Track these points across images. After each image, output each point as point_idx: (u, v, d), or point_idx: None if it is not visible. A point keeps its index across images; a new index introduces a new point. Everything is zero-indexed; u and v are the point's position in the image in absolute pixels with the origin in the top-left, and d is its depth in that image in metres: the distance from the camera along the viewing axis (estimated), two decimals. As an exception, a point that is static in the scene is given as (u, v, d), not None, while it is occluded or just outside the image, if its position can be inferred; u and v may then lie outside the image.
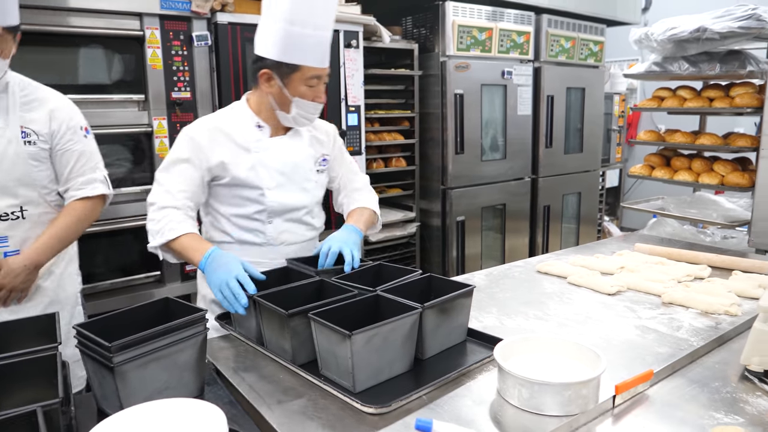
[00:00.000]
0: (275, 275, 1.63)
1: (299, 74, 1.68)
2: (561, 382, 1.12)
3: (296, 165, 1.83)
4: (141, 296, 2.87)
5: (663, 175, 3.07)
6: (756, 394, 1.24)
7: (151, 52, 2.72)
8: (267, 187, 1.77)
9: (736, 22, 2.69)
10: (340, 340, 1.21)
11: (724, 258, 2.08)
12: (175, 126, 2.86)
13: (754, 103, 2.75)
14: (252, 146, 1.76)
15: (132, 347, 1.13)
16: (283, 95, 1.71)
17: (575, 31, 4.27)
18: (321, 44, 1.68)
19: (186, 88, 2.87)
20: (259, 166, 1.76)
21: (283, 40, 1.63)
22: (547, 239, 4.35)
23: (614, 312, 1.67)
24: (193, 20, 2.82)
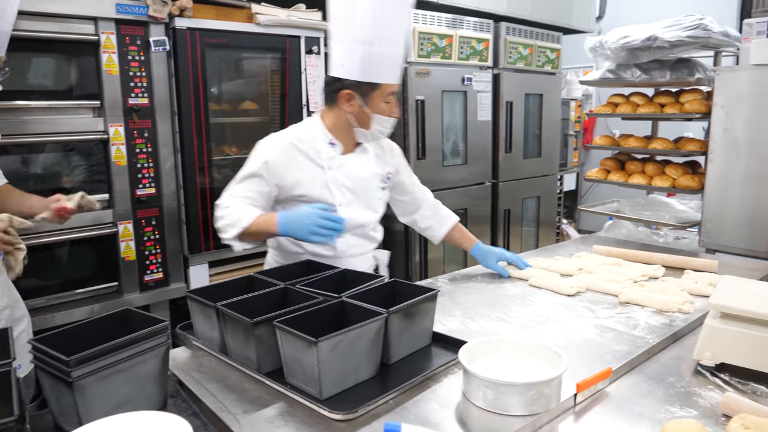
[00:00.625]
0: (238, 285, 1.62)
1: (379, 92, 1.77)
2: (524, 382, 1.15)
3: (364, 183, 1.93)
4: (99, 308, 2.79)
5: (618, 178, 3.17)
6: (708, 387, 1.30)
7: (107, 58, 2.66)
8: (339, 204, 1.87)
9: (685, 32, 2.81)
10: (306, 348, 1.21)
11: (676, 258, 2.16)
12: (132, 133, 2.81)
13: (702, 109, 2.87)
14: (326, 164, 1.86)
15: (91, 360, 1.10)
16: (363, 113, 1.80)
17: (533, 39, 4.37)
18: (397, 61, 1.77)
19: (143, 94, 2.82)
20: (332, 183, 1.87)
21: (364, 61, 1.72)
22: (508, 243, 4.42)
23: (574, 312, 1.72)
24: (151, 25, 2.78)
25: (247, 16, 3.06)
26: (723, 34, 2.89)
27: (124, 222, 2.85)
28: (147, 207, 2.92)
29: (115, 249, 2.86)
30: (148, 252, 2.97)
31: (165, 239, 3.02)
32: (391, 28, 1.72)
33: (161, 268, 3.03)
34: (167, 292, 3.06)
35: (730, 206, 2.77)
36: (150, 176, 2.91)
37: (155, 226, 2.97)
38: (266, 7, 3.11)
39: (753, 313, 1.33)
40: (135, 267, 2.93)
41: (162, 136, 2.92)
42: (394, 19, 1.72)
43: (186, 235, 3.10)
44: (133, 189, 2.86)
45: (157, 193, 2.95)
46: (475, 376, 1.18)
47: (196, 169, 3.03)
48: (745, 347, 1.33)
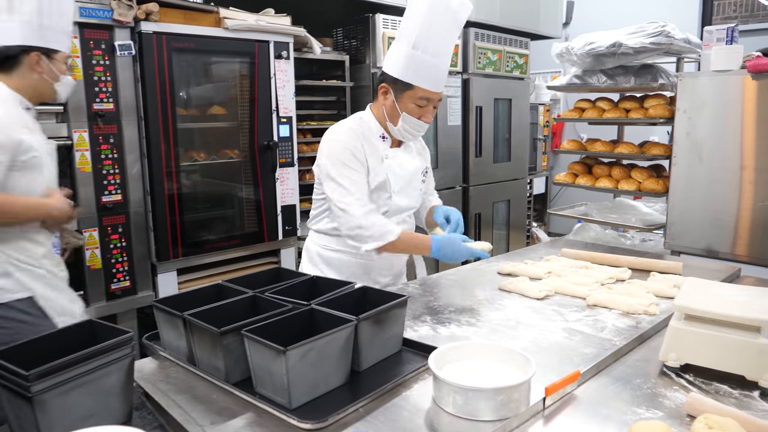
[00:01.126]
0: (207, 293, 1.59)
1: (411, 92, 1.89)
2: (493, 387, 1.15)
3: (412, 174, 2.08)
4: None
5: (585, 182, 3.22)
6: (673, 388, 1.32)
7: (70, 61, 2.59)
8: (393, 191, 2.02)
9: (648, 38, 2.87)
10: (275, 357, 1.20)
11: (642, 260, 2.20)
12: (97, 138, 2.75)
13: (665, 113, 2.93)
14: (382, 154, 2.00)
15: (52, 374, 1.06)
16: (394, 108, 1.93)
17: (501, 44, 4.42)
18: (436, 70, 1.87)
19: (108, 99, 2.77)
20: (389, 172, 2.00)
21: (404, 60, 1.86)
22: (479, 246, 4.45)
23: (543, 316, 1.73)
24: (116, 29, 2.73)
25: (215, 21, 3.03)
26: (685, 40, 2.97)
27: (89, 229, 2.79)
28: (113, 214, 2.87)
29: (81, 257, 2.79)
30: (114, 260, 2.91)
31: (132, 247, 2.97)
32: (439, 39, 1.84)
33: (128, 277, 2.97)
34: (135, 300, 3.00)
35: (693, 209, 2.84)
36: (116, 182, 2.85)
37: (122, 234, 2.91)
38: (234, 11, 3.08)
39: (716, 315, 1.36)
40: (101, 275, 2.87)
41: (128, 141, 2.87)
42: (443, 32, 1.85)
43: (154, 243, 3.05)
44: (99, 196, 2.80)
45: (123, 200, 2.90)
46: (444, 382, 1.18)
47: (164, 175, 2.98)
48: (708, 348, 1.36)
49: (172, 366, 1.46)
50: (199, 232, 3.22)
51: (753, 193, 2.66)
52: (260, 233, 3.41)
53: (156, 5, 2.77)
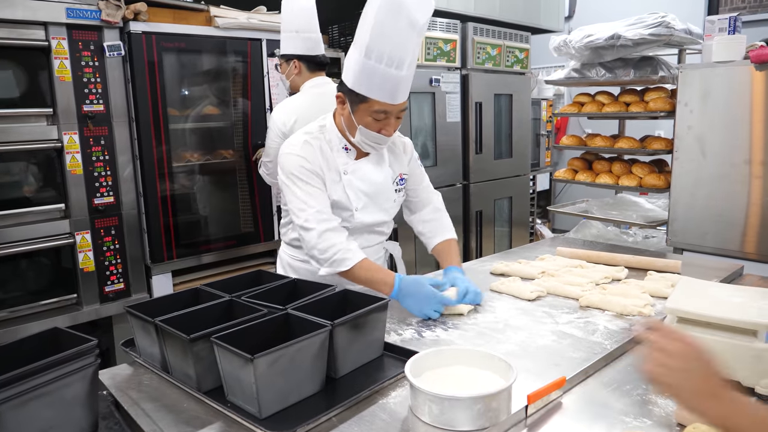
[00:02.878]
0: (183, 298, 1.55)
1: (366, 105, 1.71)
2: (470, 396, 1.09)
3: (379, 187, 1.92)
4: (57, 321, 2.69)
5: (585, 178, 3.14)
6: (665, 395, 1.25)
7: (59, 63, 2.57)
8: (356, 209, 1.88)
9: (647, 30, 2.79)
10: (243, 364, 1.15)
11: (639, 259, 2.13)
12: (88, 141, 2.71)
13: (666, 107, 2.85)
14: (342, 168, 1.86)
15: (7, 386, 1.02)
16: (351, 120, 1.77)
17: (501, 39, 4.35)
18: (392, 81, 1.67)
19: (98, 101, 2.73)
20: (349, 188, 1.86)
21: (357, 70, 1.68)
22: (480, 244, 4.39)
23: (533, 318, 1.67)
24: (104, 29, 2.69)
25: (206, 20, 2.98)
26: (686, 31, 2.88)
27: (82, 232, 2.75)
28: (105, 216, 2.83)
29: (73, 260, 2.76)
30: (108, 262, 2.87)
31: (125, 249, 2.93)
32: (394, 46, 1.63)
33: (122, 279, 2.93)
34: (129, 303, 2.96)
35: (696, 205, 2.76)
36: (108, 185, 2.82)
37: (114, 236, 2.88)
38: (225, 9, 3.03)
39: (709, 317, 1.29)
40: (94, 278, 2.83)
41: (119, 143, 2.83)
42: (396, 38, 1.63)
43: (147, 244, 3.02)
44: (91, 198, 2.76)
45: (115, 202, 2.86)
46: (420, 391, 1.13)
47: (156, 177, 2.94)
48: (701, 351, 1.29)
49: (146, 373, 1.42)
50: (194, 233, 3.18)
51: (761, 187, 2.57)
52: (256, 234, 3.37)
53: (144, 5, 2.72)
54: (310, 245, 1.79)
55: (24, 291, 2.68)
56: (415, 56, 1.71)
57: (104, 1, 2.63)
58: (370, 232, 1.99)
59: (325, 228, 1.78)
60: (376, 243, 2.04)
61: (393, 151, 1.99)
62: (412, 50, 1.67)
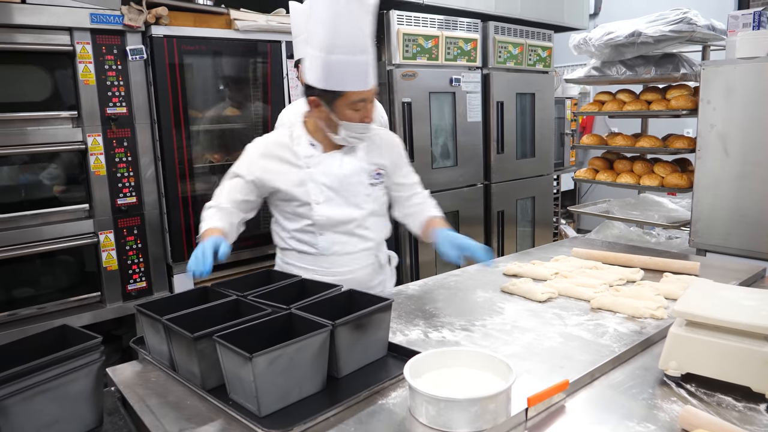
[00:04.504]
0: (192, 297, 1.57)
1: (343, 100, 1.72)
2: (467, 397, 1.08)
3: (345, 179, 1.88)
4: (81, 318, 2.76)
5: (606, 178, 3.08)
6: (671, 399, 1.22)
7: (83, 67, 2.63)
8: (315, 202, 1.86)
9: (668, 26, 2.72)
10: (243, 363, 1.15)
11: (657, 260, 2.08)
12: (111, 142, 2.77)
13: (689, 105, 2.78)
14: (302, 162, 1.86)
15: (14, 380, 1.05)
16: (331, 119, 1.77)
17: (522, 38, 4.29)
18: (360, 68, 1.69)
19: (121, 104, 2.78)
20: (309, 181, 1.85)
21: (324, 69, 1.68)
22: (502, 244, 4.34)
23: (542, 320, 1.64)
24: (127, 34, 2.74)
25: (226, 23, 3.02)
26: (709, 27, 2.80)
27: (105, 231, 2.82)
28: (128, 216, 2.89)
29: (97, 259, 2.82)
30: (130, 261, 2.93)
31: (147, 248, 2.98)
32: (350, 34, 1.64)
33: (144, 277, 2.99)
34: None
35: (719, 205, 2.68)
36: (130, 185, 2.87)
37: (137, 235, 2.93)
38: (245, 12, 3.07)
39: (719, 321, 1.25)
40: (117, 276, 2.89)
41: (142, 144, 2.88)
42: (352, 24, 1.64)
43: (169, 244, 3.07)
44: (114, 198, 2.82)
45: (138, 202, 2.91)
46: (417, 392, 1.12)
47: (177, 177, 2.99)
48: (711, 357, 1.25)
49: (154, 370, 1.44)
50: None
51: (787, 187, 2.48)
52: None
53: (165, 9, 2.77)
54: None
55: (50, 288, 2.75)
56: (373, 37, 1.71)
57: (127, 6, 2.68)
58: (346, 234, 1.91)
59: (212, 204, 1.89)
60: (358, 249, 1.95)
61: (373, 144, 1.94)
62: (370, 31, 1.70)
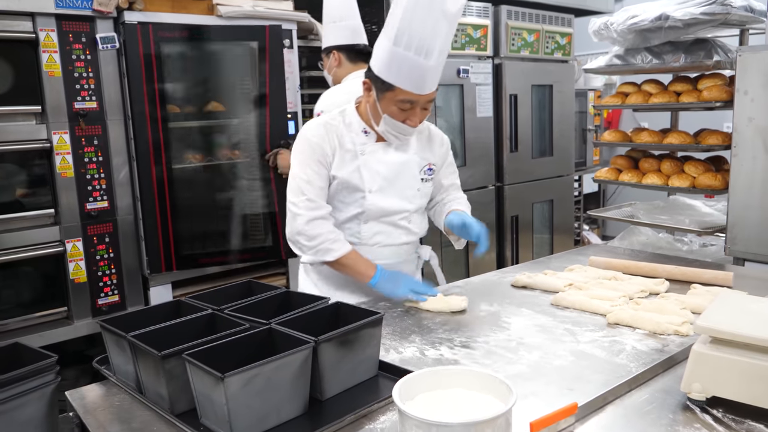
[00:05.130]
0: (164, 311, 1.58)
1: (392, 94, 1.82)
2: (461, 422, 1.08)
3: (400, 170, 2.01)
4: (45, 336, 2.77)
5: (630, 178, 3.08)
6: (694, 426, 1.21)
7: (47, 57, 2.66)
8: (369, 190, 1.96)
9: (699, 8, 2.73)
10: (214, 384, 1.16)
11: (684, 270, 2.07)
12: (80, 141, 2.80)
13: (723, 96, 2.77)
14: (358, 149, 1.96)
15: (-44, 404, 1.06)
16: (376, 108, 1.89)
17: (539, 23, 4.30)
18: (420, 70, 1.77)
19: (91, 97, 2.81)
20: (364, 168, 1.95)
21: (386, 58, 1.78)
22: (516, 252, 4.34)
23: (551, 336, 1.64)
24: (97, 20, 2.77)
25: (207, 8, 3.05)
26: (746, 8, 2.80)
27: (73, 240, 2.84)
28: (99, 222, 2.91)
29: (63, 270, 2.84)
30: (101, 273, 2.95)
31: (121, 258, 3.00)
32: (424, 34, 1.73)
33: (117, 291, 3.01)
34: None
35: (759, 208, 2.66)
36: (101, 188, 2.90)
37: (109, 244, 2.95)
38: (228, -4, 3.09)
39: (748, 338, 1.24)
40: (86, 290, 2.91)
41: (114, 143, 2.91)
42: (429, 25, 1.73)
43: (145, 253, 3.08)
44: (83, 203, 2.84)
45: (110, 207, 2.93)
46: (407, 416, 1.11)
47: (154, 180, 3.00)
48: (739, 378, 1.24)
49: (119, 393, 1.45)
50: (196, 241, 3.22)
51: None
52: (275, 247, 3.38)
53: (140, -8, 2.80)
54: (295, 230, 1.93)
55: (10, 303, 2.77)
56: (446, 46, 1.80)
57: (96, -10, 2.71)
58: (391, 225, 2.04)
59: (314, 216, 1.91)
60: (401, 242, 2.08)
61: (424, 139, 2.09)
62: (443, 39, 1.77)
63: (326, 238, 1.91)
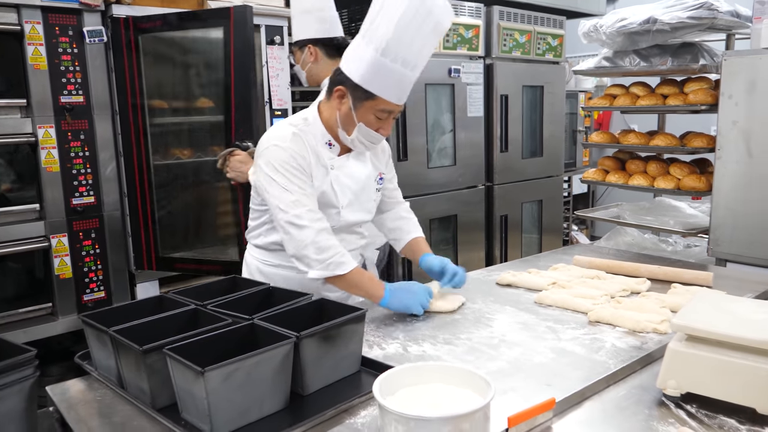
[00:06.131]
0: (146, 306, 1.59)
1: (372, 103, 1.79)
2: (439, 416, 1.10)
3: (363, 184, 2.00)
4: (29, 333, 2.77)
5: (617, 179, 3.11)
6: (668, 421, 1.24)
7: (33, 50, 2.66)
8: (342, 206, 1.95)
9: (687, 12, 2.76)
10: (194, 378, 1.17)
11: (666, 270, 2.10)
12: (66, 135, 2.80)
13: (708, 99, 2.81)
14: (328, 163, 1.92)
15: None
16: (350, 116, 1.83)
17: (531, 24, 4.33)
18: (405, 82, 1.78)
19: (78, 91, 2.81)
20: (336, 184, 1.93)
21: (371, 68, 1.73)
22: (505, 251, 4.37)
23: (533, 333, 1.66)
24: (84, 13, 2.77)
25: (197, 2, 3.05)
26: (732, 13, 2.83)
27: (58, 235, 2.83)
28: (85, 218, 2.91)
29: (48, 266, 2.84)
30: (87, 268, 2.95)
31: (107, 254, 3.00)
32: (413, 48, 1.72)
33: (103, 287, 3.01)
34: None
35: (742, 210, 2.70)
36: (87, 183, 2.90)
37: (95, 239, 2.95)
38: (218, -8, 3.10)
39: (722, 335, 1.27)
40: (72, 285, 2.91)
41: (101, 138, 2.91)
42: (421, 41, 1.73)
43: (132, 249, 3.09)
44: (68, 198, 2.84)
45: (96, 202, 2.94)
46: (386, 410, 1.13)
47: (144, 175, 3.00)
48: (713, 375, 1.27)
49: (100, 388, 1.46)
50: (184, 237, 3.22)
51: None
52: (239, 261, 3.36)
53: (128, -14, 2.80)
54: (302, 243, 1.79)
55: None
56: (428, 57, 1.81)
57: (84, -17, 2.71)
58: (351, 233, 2.06)
59: (322, 227, 1.82)
60: (354, 247, 2.08)
61: (374, 150, 2.05)
62: (429, 54, 1.80)
63: (337, 251, 1.81)
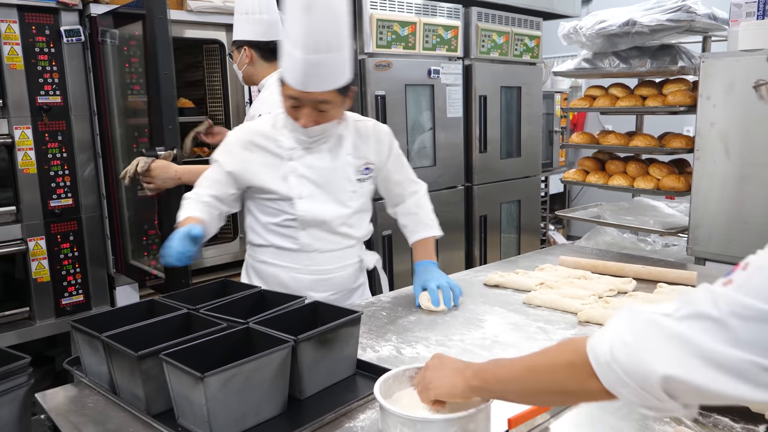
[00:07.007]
0: (137, 311, 1.57)
1: (284, 89, 1.77)
2: (444, 418, 1.10)
3: (332, 174, 1.92)
4: (5, 338, 2.71)
5: (597, 180, 3.15)
6: (664, 420, 1.26)
7: (9, 50, 2.60)
8: (297, 197, 1.88)
9: (665, 15, 2.80)
10: (193, 384, 1.16)
11: (651, 270, 2.14)
12: (43, 136, 2.74)
13: (686, 101, 2.86)
14: (286, 154, 1.88)
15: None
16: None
17: (508, 25, 4.36)
18: (302, 65, 1.68)
19: (55, 92, 2.76)
20: (291, 175, 1.87)
21: (281, 49, 1.74)
22: (485, 252, 4.39)
23: (525, 334, 1.68)
24: (62, 12, 2.72)
25: (177, 2, 3.01)
26: (710, 16, 2.89)
27: (35, 238, 2.78)
28: (63, 220, 2.85)
29: (25, 269, 2.78)
30: (65, 272, 2.89)
31: (86, 257, 2.95)
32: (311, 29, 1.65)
33: (82, 290, 2.96)
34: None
35: (720, 209, 2.76)
36: (65, 185, 2.84)
37: (73, 242, 2.90)
38: (198, -9, 3.06)
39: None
40: (50, 289, 2.85)
41: (79, 139, 2.86)
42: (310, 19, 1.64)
43: (111, 252, 3.04)
44: (46, 200, 2.79)
45: (74, 205, 2.88)
46: (389, 412, 1.13)
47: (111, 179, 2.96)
48: (706, 372, 1.30)
49: (92, 395, 1.43)
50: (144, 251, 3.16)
51: (794, 191, 2.57)
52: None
53: (107, -15, 2.76)
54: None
55: (-28, 302, 2.70)
56: (339, 44, 1.70)
57: (61, -19, 2.66)
58: (330, 232, 1.95)
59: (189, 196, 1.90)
60: (342, 247, 1.99)
61: (362, 138, 1.99)
62: (332, 36, 1.68)
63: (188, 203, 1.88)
